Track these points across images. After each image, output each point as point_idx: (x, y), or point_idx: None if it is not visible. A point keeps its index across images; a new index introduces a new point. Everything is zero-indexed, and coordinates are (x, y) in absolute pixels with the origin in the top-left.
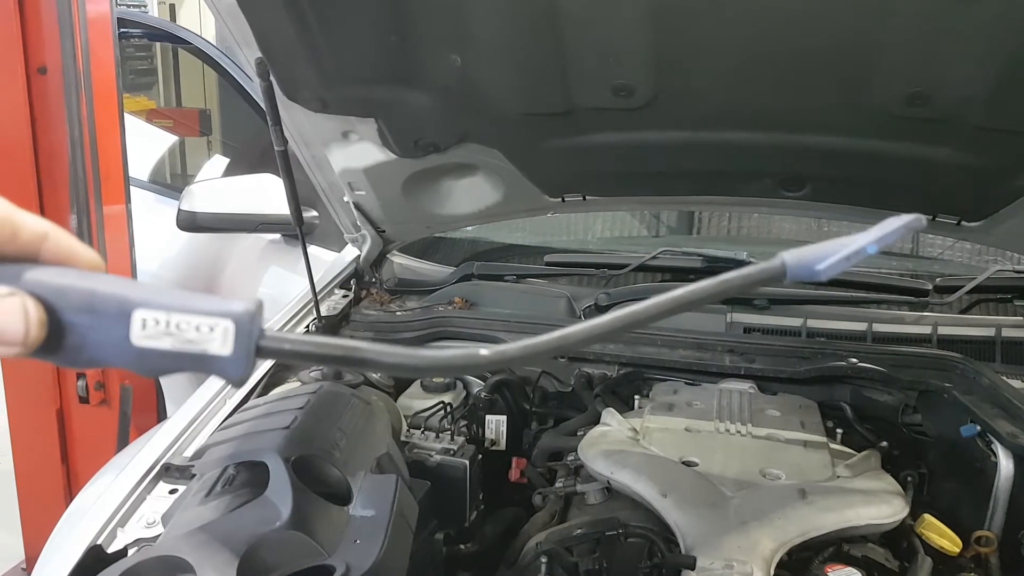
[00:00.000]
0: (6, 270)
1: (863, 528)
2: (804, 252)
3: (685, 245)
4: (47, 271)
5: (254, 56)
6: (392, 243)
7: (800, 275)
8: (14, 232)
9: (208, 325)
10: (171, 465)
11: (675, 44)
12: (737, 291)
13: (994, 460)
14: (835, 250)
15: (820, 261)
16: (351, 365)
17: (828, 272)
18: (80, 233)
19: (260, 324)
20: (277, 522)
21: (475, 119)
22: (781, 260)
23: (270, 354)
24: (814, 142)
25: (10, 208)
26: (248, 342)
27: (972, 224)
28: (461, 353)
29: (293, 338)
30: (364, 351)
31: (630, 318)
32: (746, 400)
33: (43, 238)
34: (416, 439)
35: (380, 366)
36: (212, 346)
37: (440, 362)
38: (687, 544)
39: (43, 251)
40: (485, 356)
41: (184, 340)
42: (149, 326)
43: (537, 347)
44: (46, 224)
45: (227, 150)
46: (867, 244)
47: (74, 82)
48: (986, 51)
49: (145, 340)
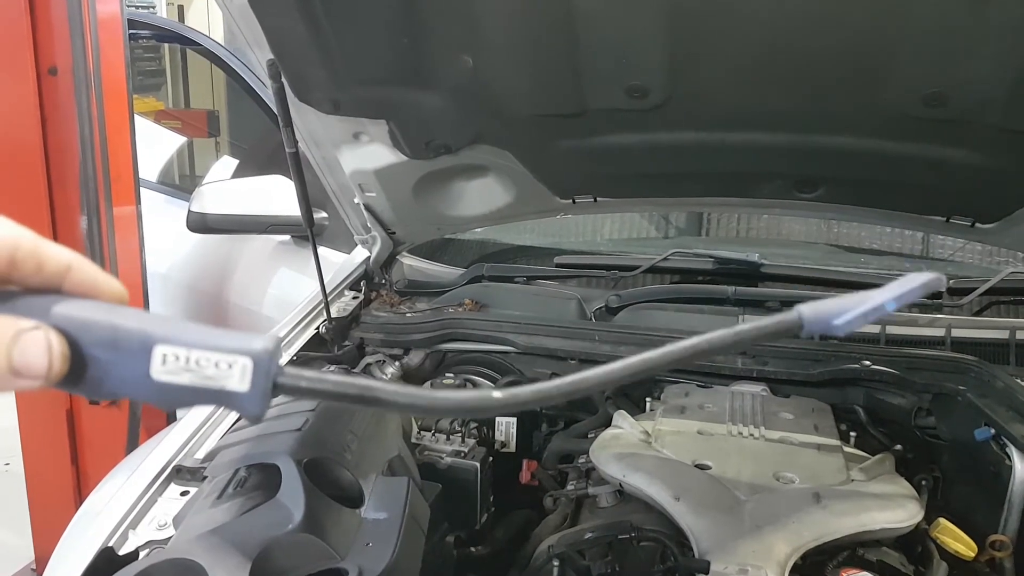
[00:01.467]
0: (30, 302)
1: (878, 532)
2: (822, 306)
3: (695, 246)
4: (71, 304)
5: (266, 58)
6: (402, 244)
7: (816, 329)
8: (39, 264)
9: (227, 362)
10: (183, 467)
11: (689, 45)
12: (751, 342)
13: (1009, 463)
14: (853, 306)
15: (838, 316)
16: (366, 404)
17: (845, 328)
18: (90, 234)
19: (278, 361)
20: (289, 525)
21: (487, 120)
22: (798, 313)
23: (287, 391)
24: (829, 143)
25: (36, 240)
26: (266, 379)
27: (987, 226)
28: (473, 395)
29: (310, 375)
30: (378, 391)
31: (644, 364)
32: (759, 403)
33: (67, 269)
34: (427, 441)
35: (393, 406)
36: (230, 383)
37: (452, 404)
38: (700, 548)
39: (67, 282)
40: (497, 399)
41: (203, 376)
42: (169, 362)
43: (549, 391)
44: (71, 255)
45: (235, 151)
46: (886, 300)
47: (84, 83)
48: (1003, 51)
49: (165, 375)
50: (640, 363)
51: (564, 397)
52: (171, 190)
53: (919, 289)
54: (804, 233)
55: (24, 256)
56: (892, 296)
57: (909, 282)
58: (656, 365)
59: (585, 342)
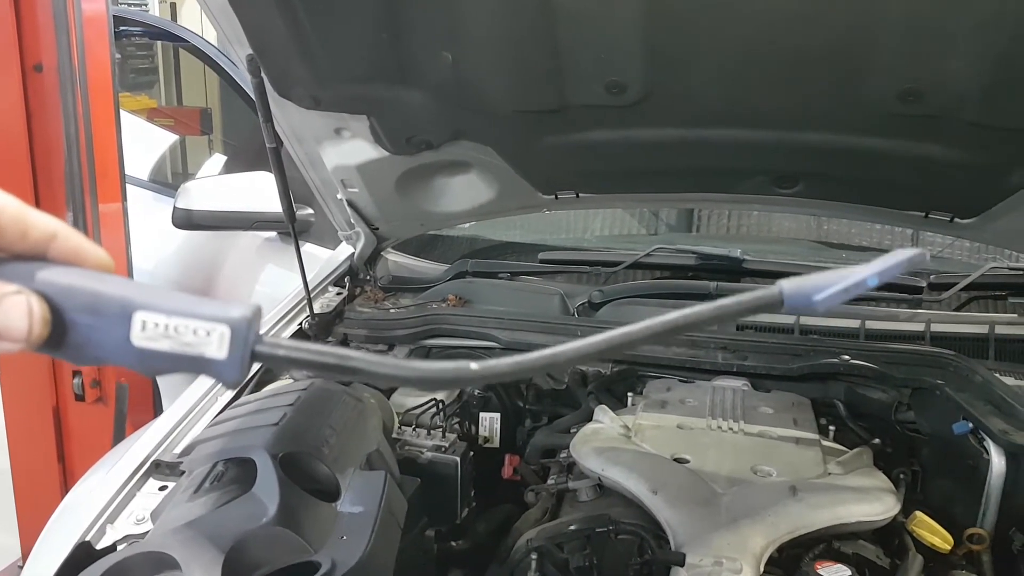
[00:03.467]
0: (15, 268)
1: (854, 525)
2: (802, 282)
3: (681, 243)
4: (54, 270)
5: (245, 53)
6: (386, 240)
7: (797, 305)
8: (24, 231)
9: (205, 329)
10: (161, 462)
11: (668, 42)
12: (732, 317)
13: (986, 457)
14: (834, 281)
15: (818, 292)
16: (343, 373)
17: (825, 303)
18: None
19: (257, 329)
20: (264, 518)
21: (468, 116)
22: (779, 288)
23: (265, 359)
24: (807, 139)
25: (21, 207)
26: (243, 347)
27: (965, 221)
28: (451, 366)
29: (288, 344)
30: (356, 360)
31: (622, 338)
32: (739, 397)
33: (52, 237)
34: (408, 436)
35: (371, 375)
36: (208, 349)
37: (430, 374)
38: (677, 541)
39: (52, 250)
40: (475, 370)
41: (182, 343)
42: (149, 328)
43: (527, 363)
44: (56, 223)
45: (228, 149)
46: (867, 276)
47: (70, 80)
48: (979, 48)
49: (144, 341)
50: (620, 336)
51: (542, 369)
52: (160, 187)
53: (902, 264)
54: (793, 229)
55: (8, 222)
56: (874, 272)
57: (892, 257)
58: (636, 339)
59: (568, 337)
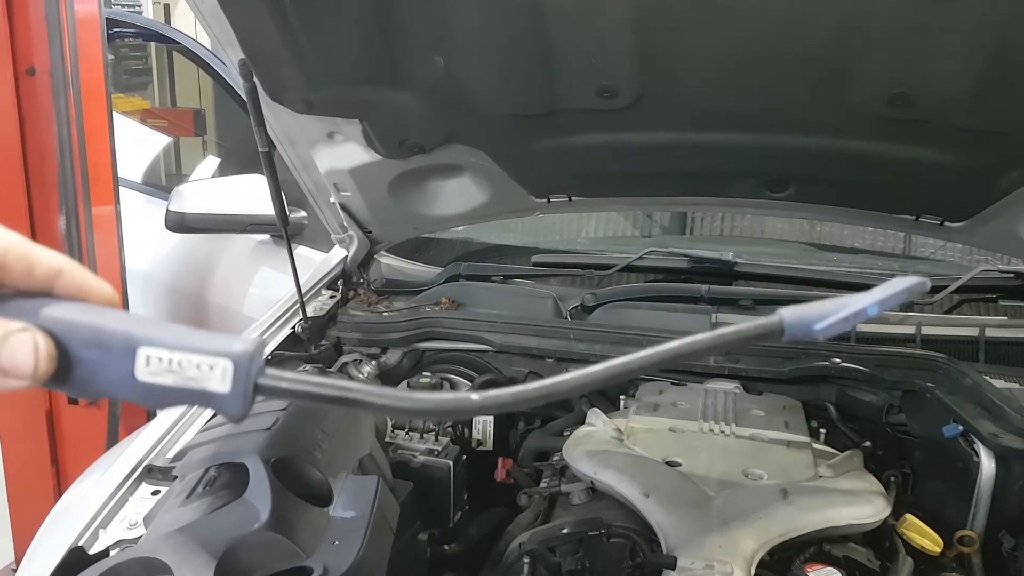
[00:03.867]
0: (20, 305)
1: (844, 528)
2: (803, 310)
3: (674, 245)
4: (59, 306)
5: (237, 57)
6: (379, 244)
7: (798, 333)
8: (29, 268)
9: (208, 363)
10: (154, 466)
11: (658, 45)
12: (733, 346)
13: (977, 460)
14: (835, 310)
15: (819, 321)
16: (345, 405)
17: (826, 332)
18: (69, 234)
19: (260, 363)
20: (256, 524)
21: (460, 120)
22: (780, 317)
23: (268, 392)
24: (797, 143)
25: (26, 244)
26: (246, 380)
27: (955, 224)
28: (451, 397)
29: (290, 376)
30: (357, 392)
31: (623, 367)
32: (731, 400)
33: (57, 273)
34: (400, 440)
35: (372, 407)
36: (212, 384)
37: (430, 405)
38: (669, 544)
39: (57, 285)
40: (475, 401)
41: (185, 377)
42: (153, 363)
43: (528, 393)
44: (61, 259)
45: (222, 151)
46: (868, 305)
47: (62, 83)
48: (966, 51)
49: (149, 376)
50: (620, 366)
51: (542, 400)
52: (153, 190)
53: (902, 294)
54: (787, 232)
55: (14, 260)
56: (875, 300)
57: (892, 286)
58: (636, 368)
59: (560, 340)
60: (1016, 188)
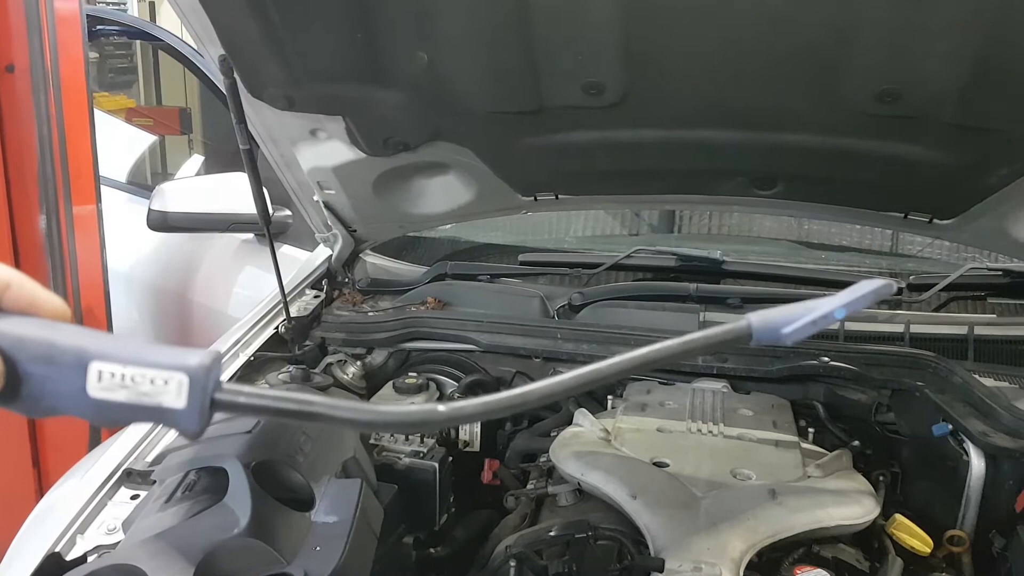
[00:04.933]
0: None
1: (833, 528)
2: (771, 315)
3: (664, 243)
4: (8, 321)
5: (218, 53)
6: (364, 243)
7: (766, 338)
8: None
9: (163, 378)
10: (133, 470)
11: (645, 42)
12: (702, 351)
13: (966, 459)
14: (802, 314)
15: (786, 325)
16: (305, 419)
17: (794, 336)
18: (49, 233)
19: (216, 377)
20: (235, 529)
21: (445, 117)
22: (747, 322)
23: (225, 407)
24: (785, 140)
25: None
26: (203, 396)
27: (944, 222)
28: (417, 409)
29: (248, 391)
30: (317, 405)
31: (593, 375)
32: (719, 400)
33: (6, 287)
34: (385, 442)
35: (334, 420)
36: (166, 399)
37: (395, 418)
38: (656, 546)
39: (5, 299)
40: (442, 412)
41: (139, 393)
42: (105, 378)
43: (497, 403)
44: (10, 272)
45: (208, 149)
46: (835, 308)
47: (42, 81)
48: (955, 48)
49: (101, 392)
50: (589, 374)
51: (510, 410)
52: (138, 189)
53: (869, 296)
54: (775, 230)
55: None
56: (840, 304)
57: (859, 289)
58: (605, 376)
59: (547, 340)
60: (1005, 185)
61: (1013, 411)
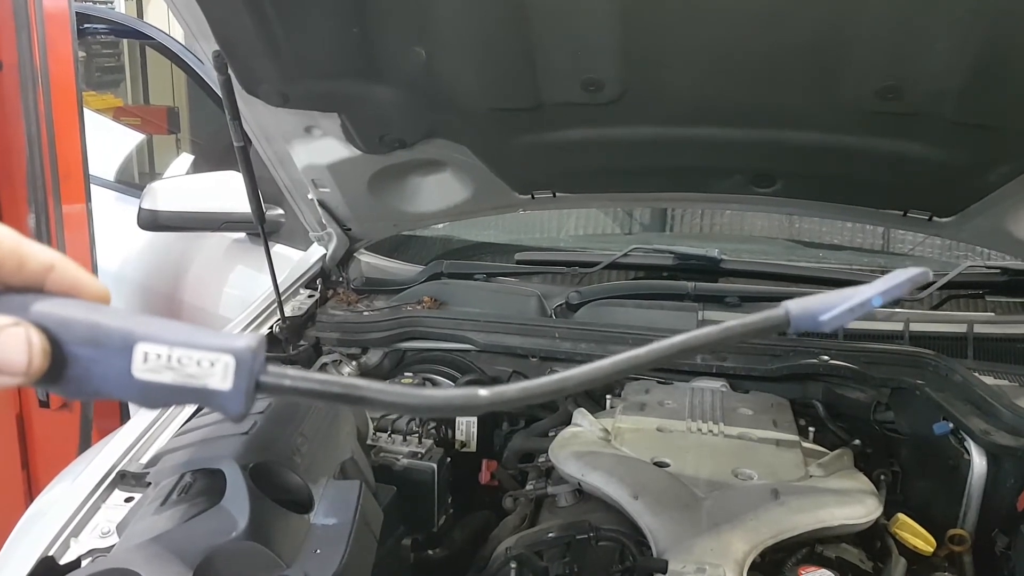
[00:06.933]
0: (11, 300)
1: (837, 528)
2: (809, 302)
3: (657, 242)
4: (52, 302)
5: (212, 49)
6: (359, 241)
7: (804, 325)
8: (20, 263)
9: (209, 360)
10: (127, 472)
11: (644, 38)
12: (739, 339)
13: (967, 458)
14: (839, 301)
15: (824, 312)
16: (351, 403)
17: (832, 324)
18: (38, 233)
19: (262, 359)
20: (233, 532)
21: (442, 114)
22: (785, 310)
23: (270, 390)
24: (785, 138)
25: (17, 238)
26: (248, 378)
27: (944, 220)
28: (459, 393)
29: (293, 374)
30: (363, 389)
31: (630, 362)
32: (718, 399)
33: (49, 269)
34: (383, 442)
35: (378, 404)
36: (212, 381)
37: (438, 402)
38: (659, 547)
39: (49, 281)
40: (484, 396)
41: (185, 374)
42: (151, 360)
43: (536, 388)
44: (53, 254)
45: (196, 148)
46: (872, 296)
47: (31, 78)
48: (957, 44)
49: (146, 373)
50: (627, 360)
51: (550, 395)
52: (125, 187)
53: (905, 284)
54: (766, 228)
55: (5, 254)
56: (878, 291)
57: (895, 277)
58: (643, 362)
59: (545, 339)
60: (1004, 183)
61: (1014, 409)
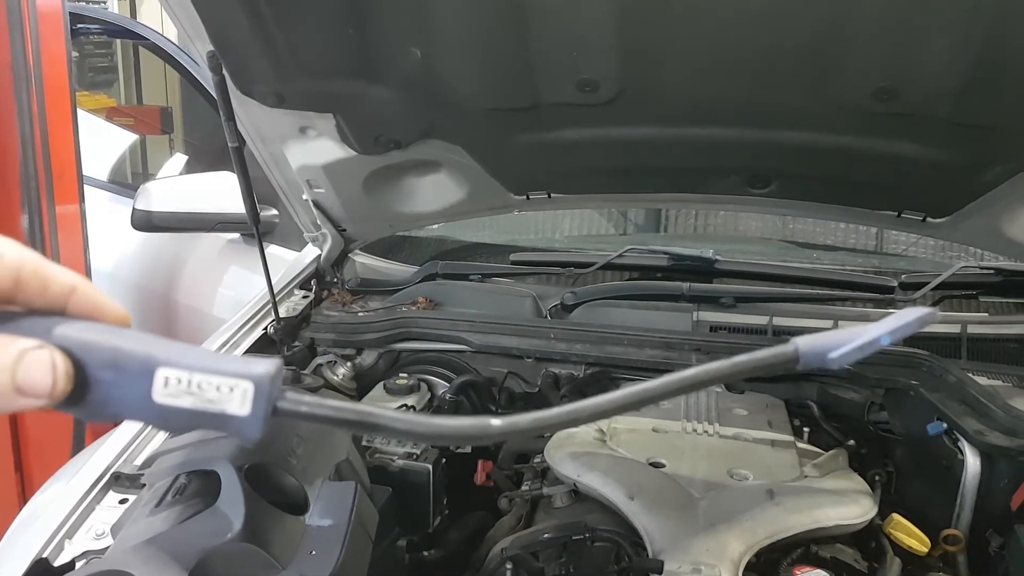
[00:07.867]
0: (34, 323)
1: (832, 529)
2: (818, 339)
3: (652, 243)
4: (75, 325)
5: (206, 49)
6: (354, 242)
7: (812, 362)
8: (44, 285)
9: (228, 385)
10: (121, 474)
11: (641, 38)
12: (748, 373)
13: (961, 458)
14: (849, 339)
15: (833, 350)
16: (365, 430)
17: (840, 361)
18: (32, 233)
19: (279, 386)
20: (228, 534)
21: (437, 115)
22: (795, 346)
23: (287, 415)
24: (781, 138)
25: (40, 261)
26: (267, 404)
27: (938, 220)
28: (472, 422)
29: (310, 400)
30: (378, 417)
31: (642, 395)
32: (713, 399)
33: (71, 291)
34: (378, 444)
35: (392, 432)
36: (231, 406)
37: (450, 431)
38: (655, 547)
39: (71, 304)
40: (496, 426)
41: (204, 399)
42: (171, 384)
43: (548, 419)
44: (75, 278)
45: (189, 148)
46: (881, 335)
47: (24, 79)
48: (953, 45)
49: (167, 398)
50: (639, 393)
51: (562, 426)
52: (119, 188)
53: (914, 323)
54: (760, 228)
55: (28, 277)
56: (887, 330)
57: (904, 316)
58: (655, 395)
59: (540, 340)
60: (999, 183)
61: (1008, 409)
